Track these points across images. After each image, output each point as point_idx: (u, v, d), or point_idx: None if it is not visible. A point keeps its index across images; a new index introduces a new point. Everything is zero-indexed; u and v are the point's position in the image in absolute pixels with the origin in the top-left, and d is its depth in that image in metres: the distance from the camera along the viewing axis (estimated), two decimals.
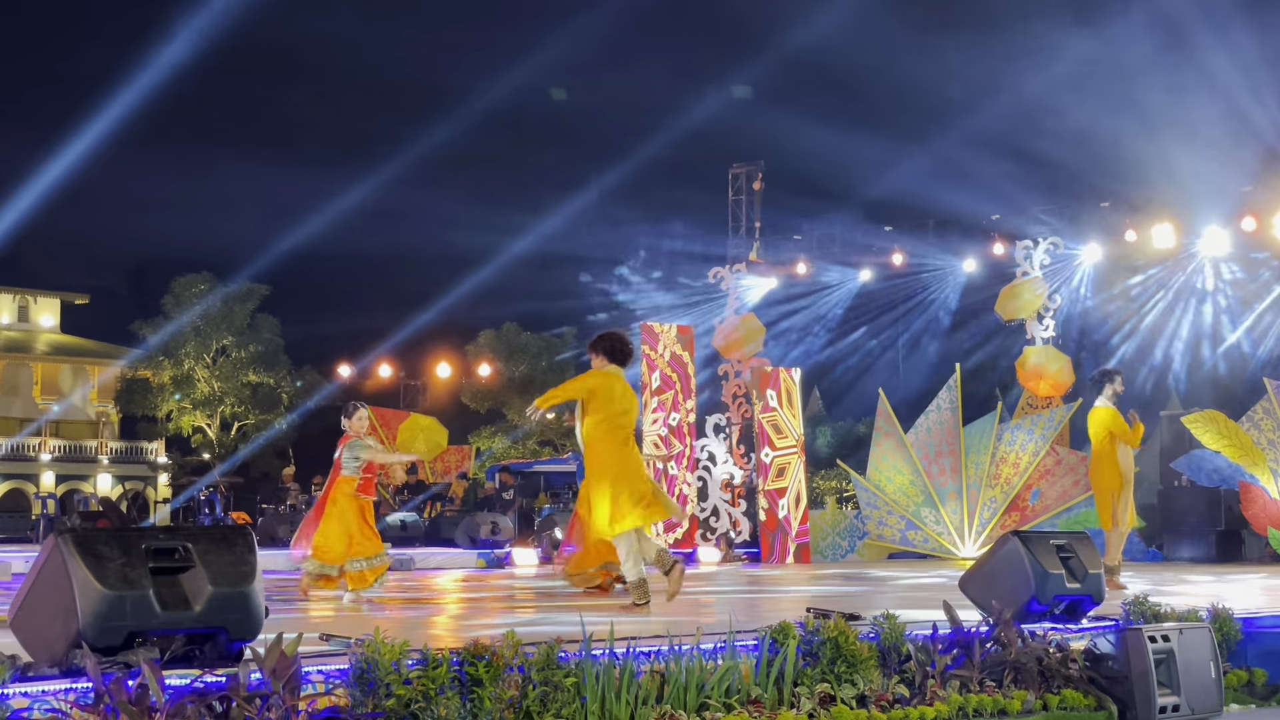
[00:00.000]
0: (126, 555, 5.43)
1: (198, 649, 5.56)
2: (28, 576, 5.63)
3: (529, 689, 5.71)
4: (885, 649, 6.87)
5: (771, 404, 21.25)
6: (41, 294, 61.21)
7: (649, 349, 21.99)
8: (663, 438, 21.75)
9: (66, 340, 61.03)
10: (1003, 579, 8.27)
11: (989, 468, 21.27)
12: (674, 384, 21.90)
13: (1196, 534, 20.96)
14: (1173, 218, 23.26)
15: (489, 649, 5.61)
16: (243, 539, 5.86)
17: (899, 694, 6.73)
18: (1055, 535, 8.85)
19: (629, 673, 5.94)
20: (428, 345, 47.39)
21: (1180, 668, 7.54)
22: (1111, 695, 7.50)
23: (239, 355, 54.85)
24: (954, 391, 21.63)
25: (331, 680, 5.45)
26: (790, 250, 30.42)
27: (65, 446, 58.85)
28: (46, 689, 4.93)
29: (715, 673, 6.23)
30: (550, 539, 21.68)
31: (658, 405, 21.78)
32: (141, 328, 54.48)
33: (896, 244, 28.37)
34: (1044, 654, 7.38)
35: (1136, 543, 21.00)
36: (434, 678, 5.44)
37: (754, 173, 31.73)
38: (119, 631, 5.30)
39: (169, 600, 5.46)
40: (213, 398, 54.96)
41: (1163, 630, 7.66)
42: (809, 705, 6.35)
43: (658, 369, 21.88)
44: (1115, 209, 25.53)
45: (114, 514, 29.92)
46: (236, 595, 5.63)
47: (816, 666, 6.57)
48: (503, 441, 51.69)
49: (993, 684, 7.11)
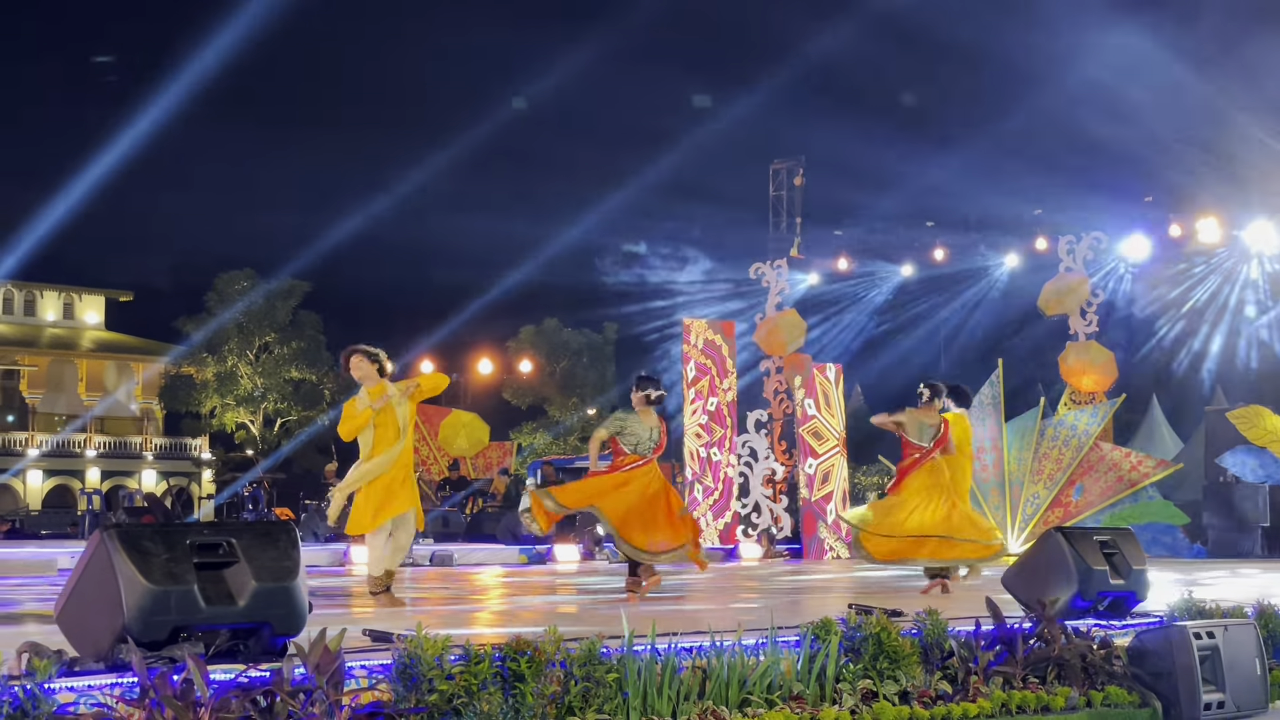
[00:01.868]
0: (171, 551, 5.46)
1: (242, 644, 5.59)
2: (73, 572, 5.67)
3: (571, 685, 5.71)
4: (928, 645, 6.85)
5: (810, 411, 21.17)
6: (86, 291, 61.62)
7: (697, 348, 22.06)
8: (703, 425, 21.77)
9: (111, 337, 61.44)
10: (1046, 575, 8.24)
11: (1032, 463, 21.17)
12: (709, 370, 21.93)
13: (1242, 530, 20.82)
14: (1218, 212, 23.10)
15: (531, 645, 5.62)
16: (286, 534, 5.88)
17: (941, 690, 6.71)
18: (1099, 531, 8.81)
19: (671, 668, 5.94)
20: (469, 341, 47.52)
21: (1225, 664, 7.49)
22: (1156, 692, 7.46)
23: (281, 352, 55.12)
24: (996, 387, 21.53)
25: (375, 675, 5.47)
26: (831, 246, 30.39)
27: (110, 443, 59.26)
28: (92, 684, 4.97)
29: (757, 669, 6.22)
30: (591, 535, 21.70)
31: (695, 395, 21.81)
32: (185, 324, 54.83)
33: (938, 239, 28.29)
34: (1088, 650, 7.34)
35: (1181, 539, 20.89)
36: (476, 673, 5.45)
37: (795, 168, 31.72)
38: (164, 626, 5.33)
39: (213, 595, 5.49)
40: (255, 394, 55.26)
41: (1208, 627, 7.61)
42: (851, 701, 6.34)
43: (692, 360, 21.92)
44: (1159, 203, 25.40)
45: (159, 510, 30.13)
46: (280, 590, 5.66)
47: (859, 663, 6.56)
48: (544, 437, 51.82)
49: (1036, 680, 7.08)
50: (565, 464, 34.39)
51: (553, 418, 53.77)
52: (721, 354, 22.12)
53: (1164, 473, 21.09)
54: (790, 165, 31.79)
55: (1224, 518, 21.04)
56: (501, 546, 22.09)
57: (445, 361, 45.53)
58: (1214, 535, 21.06)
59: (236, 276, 54.32)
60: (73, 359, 59.50)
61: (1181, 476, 21.89)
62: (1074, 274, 22.69)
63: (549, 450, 48.82)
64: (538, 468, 31.80)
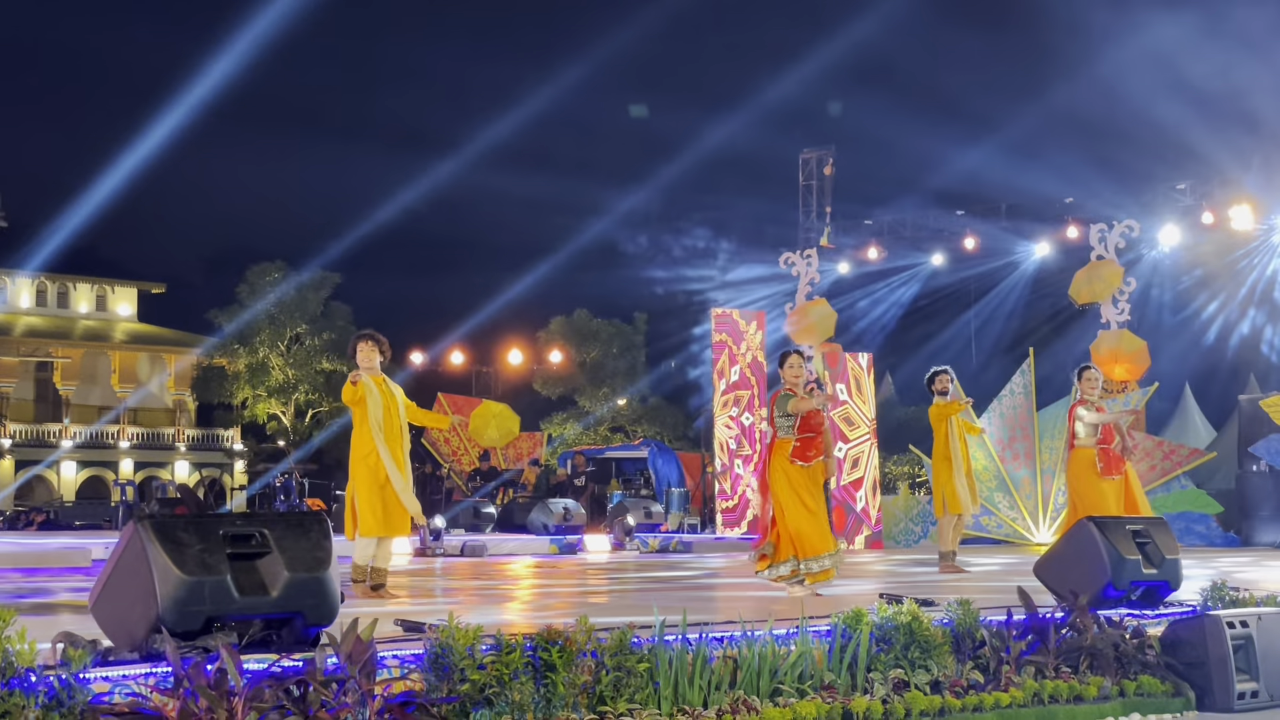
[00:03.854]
0: (204, 541, 5.48)
1: (275, 634, 5.61)
2: (108, 563, 5.70)
3: (602, 674, 5.72)
4: (959, 635, 6.83)
5: (841, 397, 21.13)
6: (119, 283, 61.89)
7: (726, 336, 22.04)
8: (734, 417, 21.78)
9: (143, 329, 61.70)
10: (1079, 565, 8.22)
11: (1063, 452, 21.09)
12: (751, 386, 21.92)
13: (1275, 518, 20.71)
14: (1250, 199, 22.96)
15: (562, 634, 5.63)
16: (318, 525, 5.90)
17: (973, 680, 6.70)
18: (1132, 520, 8.78)
19: (702, 658, 5.95)
20: (499, 332, 47.52)
21: (1259, 654, 7.45)
22: (1189, 681, 7.43)
23: (312, 343, 55.29)
24: (1027, 375, 21.46)
25: (406, 665, 5.49)
26: (861, 235, 30.30)
27: (143, 434, 59.55)
28: (127, 673, 4.99)
29: (788, 658, 6.22)
30: (622, 525, 21.73)
31: (733, 402, 21.80)
32: (217, 316, 55.04)
33: (968, 228, 28.20)
34: (1120, 640, 7.32)
35: (1215, 528, 20.80)
36: (508, 663, 5.46)
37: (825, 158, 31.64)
38: (197, 616, 5.36)
39: (246, 586, 5.52)
40: (287, 385, 55.44)
41: (1241, 616, 7.58)
42: (882, 691, 6.33)
43: (738, 364, 21.89)
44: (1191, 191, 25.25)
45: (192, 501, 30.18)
46: (312, 581, 5.68)
47: (890, 652, 6.55)
48: (574, 428, 51.83)
49: (1068, 670, 7.06)
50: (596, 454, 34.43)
51: (583, 408, 53.77)
52: (764, 373, 22.10)
53: (1197, 461, 20.99)
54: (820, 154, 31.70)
55: (1258, 506, 20.93)
56: (532, 537, 22.12)
57: (475, 352, 45.62)
58: (1248, 524, 20.96)
59: (268, 268, 54.50)
60: (106, 351, 59.78)
61: (1215, 465, 21.80)
62: (1106, 262, 22.59)
63: (579, 441, 48.86)
64: (569, 458, 31.83)
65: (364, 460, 10.33)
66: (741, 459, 21.81)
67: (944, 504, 13.87)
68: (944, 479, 13.92)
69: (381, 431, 10.31)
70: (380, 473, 10.29)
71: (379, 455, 10.28)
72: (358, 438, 10.40)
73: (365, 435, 10.33)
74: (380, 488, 10.29)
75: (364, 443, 10.35)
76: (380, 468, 10.28)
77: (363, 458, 10.34)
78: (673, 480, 30.21)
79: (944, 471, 13.93)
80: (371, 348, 10.55)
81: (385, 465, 10.28)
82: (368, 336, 10.64)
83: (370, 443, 10.30)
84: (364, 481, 10.32)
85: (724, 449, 21.75)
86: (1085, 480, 12.79)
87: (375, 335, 10.66)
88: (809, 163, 31.76)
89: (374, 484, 10.29)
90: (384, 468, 10.28)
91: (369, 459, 10.31)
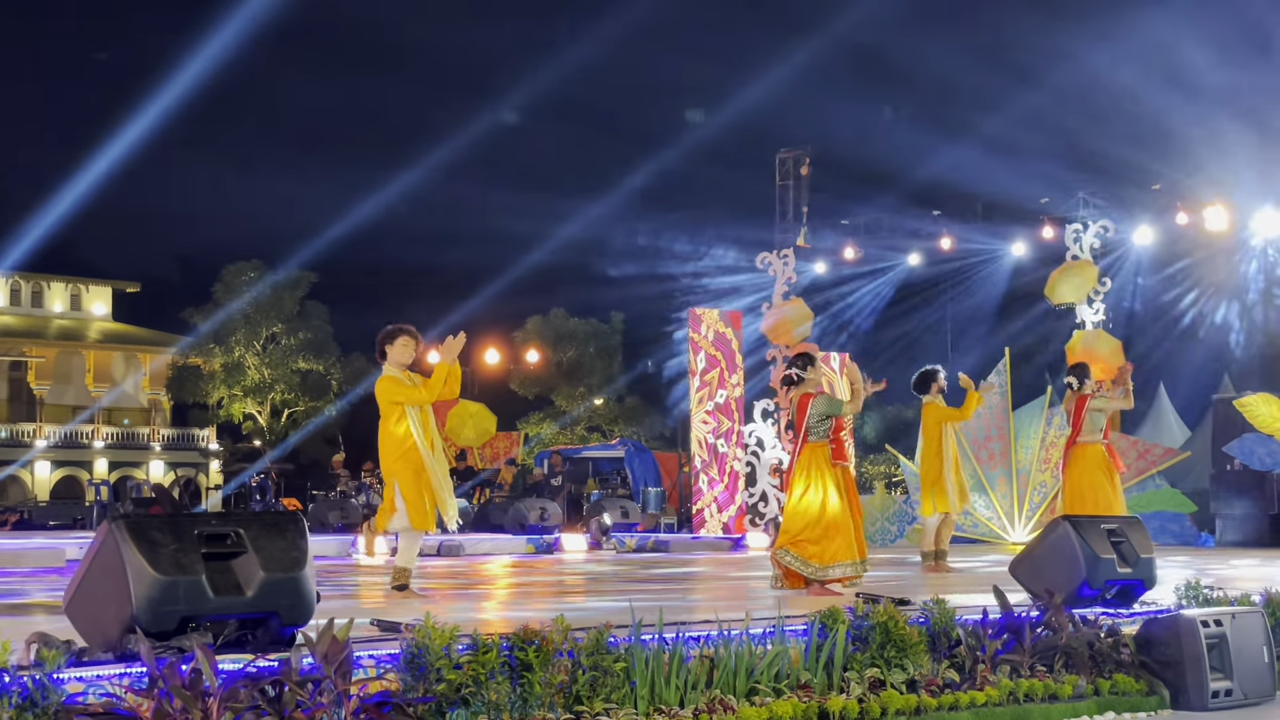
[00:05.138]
0: (179, 541, 5.47)
1: (250, 634, 5.60)
2: (82, 563, 5.68)
3: (579, 674, 5.72)
4: (935, 634, 6.85)
5: None
6: (93, 282, 61.67)
7: (704, 337, 22.05)
8: (709, 412, 21.79)
9: (118, 328, 61.49)
10: (1054, 564, 8.24)
11: (1039, 452, 21.16)
12: (719, 362, 21.93)
13: (1249, 518, 20.80)
14: (1225, 200, 23.06)
15: (539, 634, 5.63)
16: (294, 525, 5.89)
17: (949, 679, 6.71)
18: (1107, 520, 8.80)
19: (678, 657, 5.95)
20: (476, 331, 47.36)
21: (1233, 652, 7.48)
22: (1163, 680, 7.46)
23: (288, 342, 55.18)
24: (1003, 375, 21.52)
25: (383, 665, 5.48)
26: (838, 235, 30.36)
27: (118, 434, 59.34)
28: (101, 674, 4.97)
29: (764, 658, 6.23)
30: (599, 524, 21.72)
31: (701, 384, 21.82)
32: (192, 315, 54.88)
33: (944, 228, 28.27)
34: (1095, 639, 7.34)
35: (1189, 527, 20.88)
36: (484, 662, 5.45)
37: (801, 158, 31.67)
38: (172, 616, 5.34)
39: (221, 585, 5.50)
40: (263, 385, 55.32)
41: (1215, 615, 7.61)
42: (858, 690, 6.34)
43: (702, 350, 21.90)
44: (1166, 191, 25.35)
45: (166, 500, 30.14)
46: (288, 581, 5.66)
47: (866, 651, 6.56)
48: (551, 427, 51.84)
49: (1044, 669, 7.08)
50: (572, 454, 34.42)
51: (560, 408, 53.78)
52: (731, 348, 22.10)
53: (1171, 461, 21.07)
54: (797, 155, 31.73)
55: (1232, 506, 21.02)
56: (509, 537, 22.11)
57: None
58: (1222, 523, 21.05)
59: (244, 267, 54.38)
60: (80, 350, 59.56)
61: (1189, 464, 21.89)
62: (1081, 262, 22.66)
63: (556, 440, 48.86)
64: (545, 458, 31.83)
65: (405, 455, 10.14)
66: (717, 459, 21.82)
67: (934, 503, 13.83)
68: (934, 476, 13.84)
69: (420, 427, 10.19)
70: (421, 467, 10.13)
71: (419, 451, 10.13)
72: (395, 433, 10.19)
73: (405, 430, 10.16)
74: (423, 482, 10.13)
75: (405, 438, 10.17)
76: (421, 462, 10.12)
77: (404, 453, 10.14)
78: (649, 480, 30.24)
79: (934, 469, 13.85)
80: (410, 342, 10.39)
81: (425, 460, 10.13)
82: (408, 332, 10.43)
83: (410, 438, 10.14)
84: (407, 476, 10.13)
85: (703, 445, 21.76)
86: (1092, 477, 12.87)
87: (414, 330, 10.48)
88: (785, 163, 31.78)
89: (418, 479, 10.13)
90: (424, 463, 10.13)
91: (411, 454, 10.13)
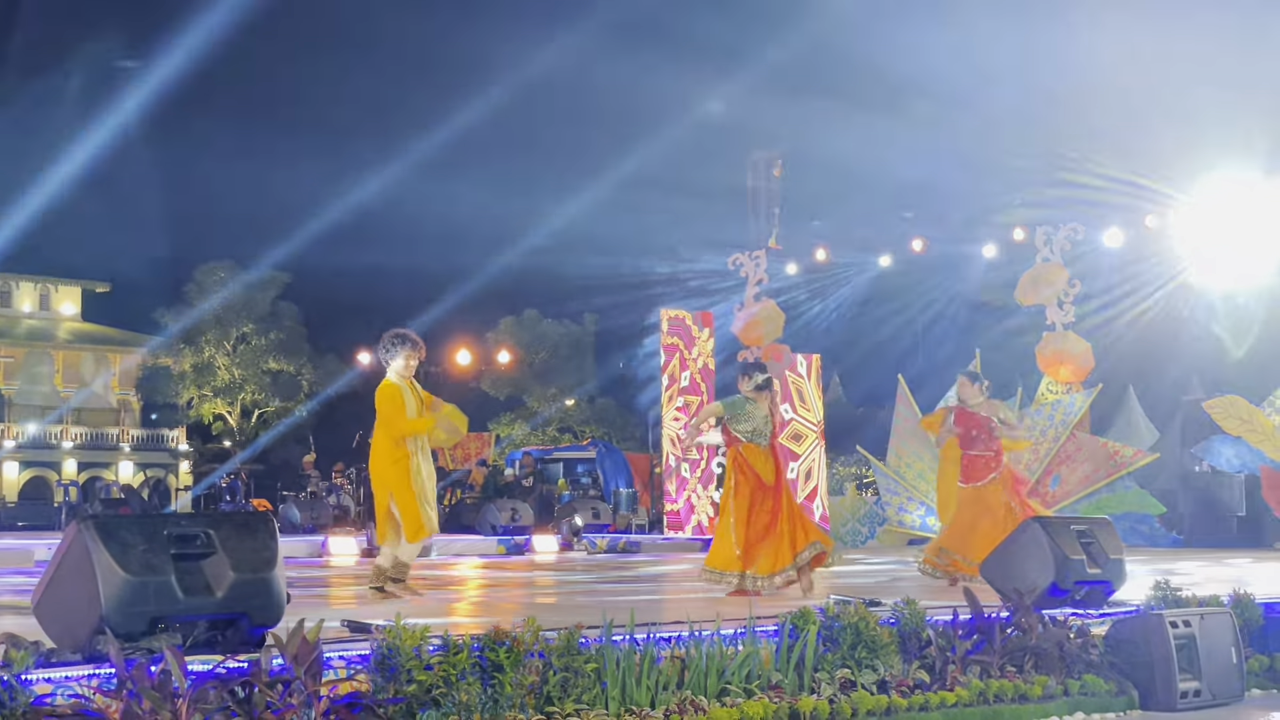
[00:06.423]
0: (149, 542, 5.45)
1: (220, 635, 5.58)
2: (50, 564, 5.65)
3: (550, 675, 5.72)
4: (905, 634, 6.87)
5: (785, 416, 20.93)
6: (62, 282, 61.32)
7: (677, 339, 22.01)
8: (680, 409, 21.78)
9: (88, 328, 61.18)
10: (1024, 565, 8.27)
11: None
12: (701, 392, 21.91)
13: (1217, 519, 20.90)
14: (1195, 203, 23.16)
15: (510, 635, 5.62)
16: (264, 525, 5.87)
17: (919, 679, 6.73)
18: (1076, 521, 8.84)
19: (649, 658, 5.95)
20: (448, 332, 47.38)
21: (1202, 653, 7.52)
22: (1133, 680, 7.49)
23: (259, 343, 55.03)
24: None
25: (353, 666, 5.47)
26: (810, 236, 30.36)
27: (87, 434, 59.04)
28: (70, 675, 4.95)
29: (736, 658, 6.24)
30: (570, 525, 21.71)
31: (683, 406, 21.78)
32: (164, 316, 54.66)
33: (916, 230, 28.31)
34: (1065, 639, 7.37)
35: (1158, 528, 20.97)
36: (455, 663, 5.45)
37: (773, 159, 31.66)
38: (141, 617, 5.32)
39: (191, 586, 5.48)
40: (233, 385, 55.16)
41: (1184, 615, 7.65)
42: (829, 690, 6.35)
43: (688, 369, 21.86)
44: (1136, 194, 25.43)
45: (136, 501, 30.02)
46: (258, 581, 5.65)
47: (837, 652, 6.57)
48: (522, 428, 51.84)
49: (1013, 669, 7.10)
50: (544, 455, 34.39)
51: (531, 408, 53.76)
52: (712, 383, 22.08)
53: (1141, 462, 21.16)
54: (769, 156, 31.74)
55: (1200, 507, 21.12)
56: (480, 537, 22.08)
57: None
58: (1190, 524, 21.14)
59: (216, 268, 54.18)
60: (49, 350, 59.24)
61: (1158, 466, 21.97)
62: (1051, 264, 22.73)
63: (527, 441, 48.82)
64: (516, 459, 31.79)
65: (397, 464, 10.08)
66: (689, 462, 21.81)
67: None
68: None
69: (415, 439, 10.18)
70: (411, 473, 10.09)
71: (411, 459, 10.11)
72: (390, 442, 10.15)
73: (401, 439, 10.13)
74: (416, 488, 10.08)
75: (399, 446, 10.12)
76: (410, 469, 10.08)
77: (395, 461, 10.09)
78: (621, 481, 30.23)
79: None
80: (414, 355, 10.37)
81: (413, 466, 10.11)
82: (410, 343, 10.36)
83: (403, 445, 10.10)
84: (401, 485, 10.07)
85: (674, 446, 21.76)
86: None
87: (417, 341, 10.42)
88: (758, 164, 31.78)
89: (412, 487, 10.07)
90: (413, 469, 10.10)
91: (401, 462, 10.08)
